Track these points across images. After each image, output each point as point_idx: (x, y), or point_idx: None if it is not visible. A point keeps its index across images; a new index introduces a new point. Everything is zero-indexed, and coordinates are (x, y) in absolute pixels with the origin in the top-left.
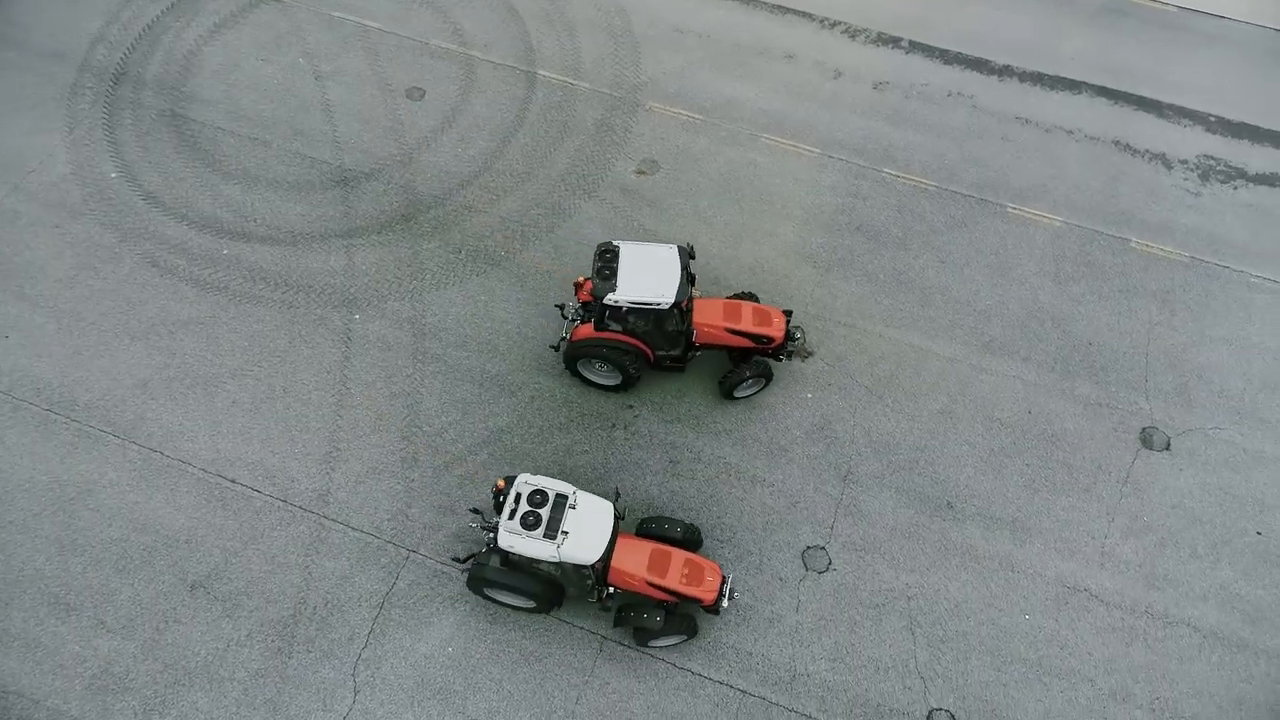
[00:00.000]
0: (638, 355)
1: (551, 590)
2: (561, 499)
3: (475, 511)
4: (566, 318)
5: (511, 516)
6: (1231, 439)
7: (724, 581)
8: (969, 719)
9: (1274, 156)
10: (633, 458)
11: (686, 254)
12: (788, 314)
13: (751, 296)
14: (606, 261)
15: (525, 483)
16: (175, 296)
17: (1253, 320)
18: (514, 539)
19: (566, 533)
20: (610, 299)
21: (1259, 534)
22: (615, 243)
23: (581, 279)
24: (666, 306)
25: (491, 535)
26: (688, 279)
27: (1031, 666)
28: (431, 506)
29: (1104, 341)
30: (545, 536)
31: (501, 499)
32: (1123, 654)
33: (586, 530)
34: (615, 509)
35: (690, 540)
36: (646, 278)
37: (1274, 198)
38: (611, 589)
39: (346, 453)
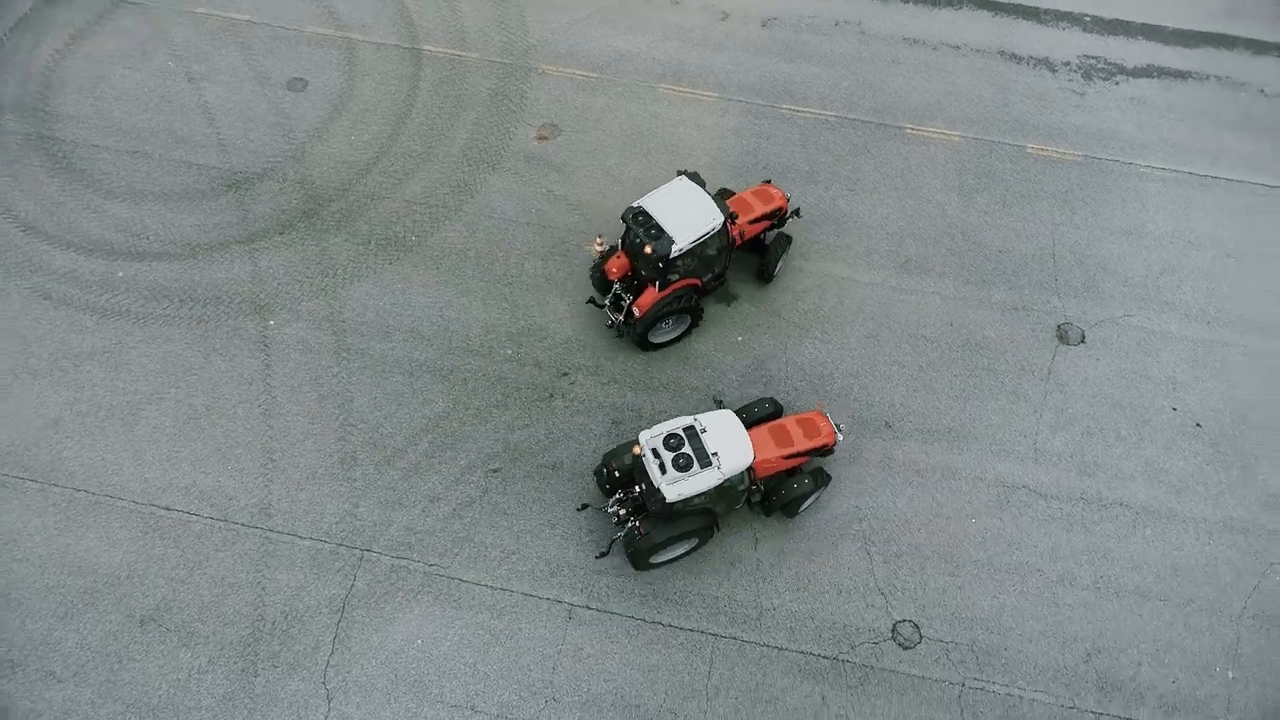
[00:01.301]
0: (696, 291)
1: (709, 519)
2: (691, 430)
3: (584, 507)
4: (606, 304)
5: (664, 470)
6: (1140, 324)
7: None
8: (930, 625)
9: (1148, 49)
10: (575, 424)
11: (696, 176)
12: (767, 182)
13: (728, 192)
14: (645, 224)
15: (652, 438)
16: (74, 327)
17: (1147, 209)
18: (680, 486)
19: (716, 453)
20: (676, 249)
21: (1174, 409)
22: (636, 204)
23: (604, 258)
24: (721, 226)
25: (625, 512)
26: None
27: (983, 566)
28: (379, 503)
29: (1013, 247)
30: (703, 467)
31: (614, 475)
32: (1065, 541)
33: (728, 442)
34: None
35: (778, 410)
36: (687, 214)
37: (1153, 89)
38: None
39: (282, 462)
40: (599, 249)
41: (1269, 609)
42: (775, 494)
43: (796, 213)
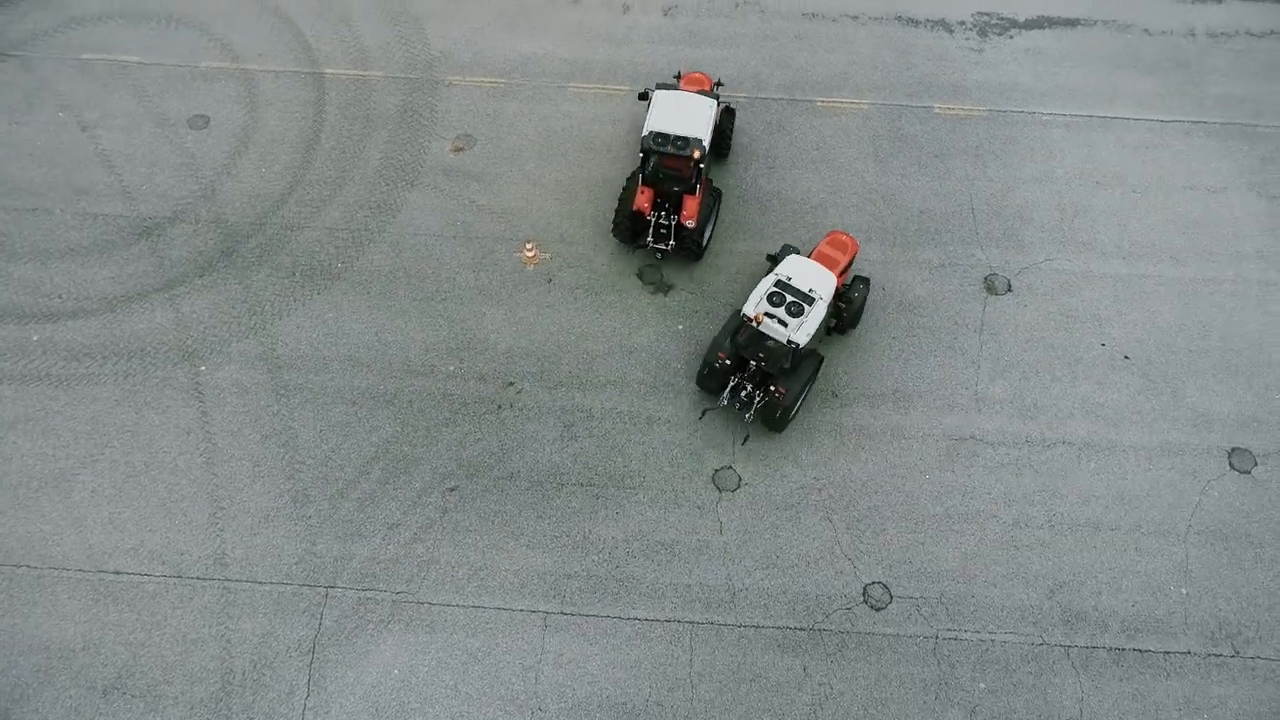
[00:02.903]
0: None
1: (816, 356)
2: (781, 283)
3: (704, 413)
4: (650, 241)
5: (785, 324)
6: (1060, 266)
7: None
8: (899, 584)
9: (1037, 1)
10: (527, 432)
11: (664, 84)
12: (678, 76)
13: (668, 86)
14: (670, 141)
15: (758, 305)
16: None
17: (1053, 155)
18: (805, 328)
19: (812, 288)
20: (703, 145)
21: (1103, 345)
22: (648, 130)
23: (625, 206)
24: (717, 103)
25: (748, 390)
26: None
27: (941, 520)
28: (337, 537)
29: (932, 207)
30: (810, 304)
31: (725, 364)
32: (1015, 485)
33: (812, 276)
34: (794, 255)
35: (797, 249)
36: (691, 114)
37: (1045, 39)
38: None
39: (232, 509)
40: (530, 255)
41: (1210, 524)
42: (845, 311)
43: (720, 83)
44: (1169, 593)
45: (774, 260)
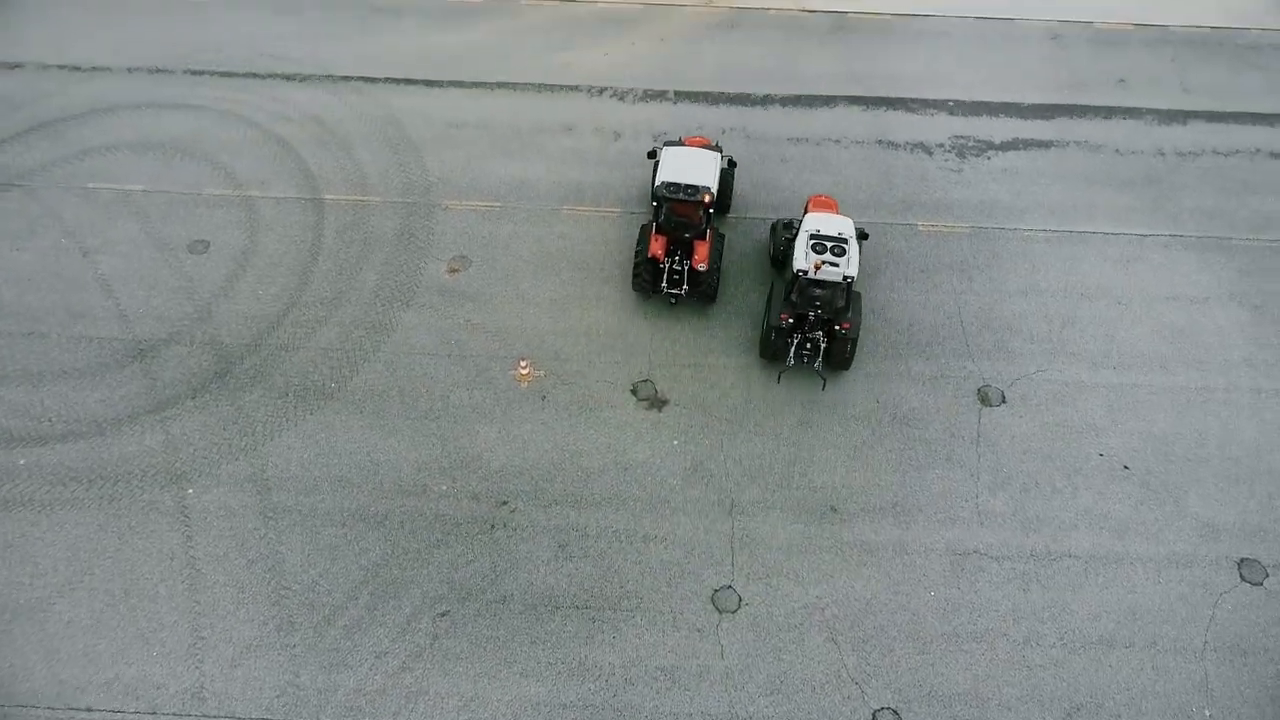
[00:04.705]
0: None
1: (857, 291)
2: (815, 234)
3: (780, 375)
4: (664, 287)
5: (836, 265)
6: (1052, 377)
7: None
8: (909, 709)
9: (1011, 124)
10: (521, 553)
11: (670, 141)
12: (681, 140)
13: (674, 143)
14: (683, 189)
15: (808, 256)
16: None
17: (1037, 268)
18: (852, 262)
19: (840, 231)
20: (712, 191)
21: (1101, 455)
22: (659, 181)
23: (643, 250)
24: (720, 155)
25: (814, 338)
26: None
27: (949, 639)
28: (322, 667)
29: (921, 320)
30: (846, 243)
31: (790, 322)
32: (1023, 600)
33: (836, 224)
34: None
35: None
36: (698, 166)
37: (1021, 159)
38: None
39: (213, 638)
40: (524, 373)
41: (1227, 639)
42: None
43: (718, 146)
44: (1192, 715)
45: (785, 226)
